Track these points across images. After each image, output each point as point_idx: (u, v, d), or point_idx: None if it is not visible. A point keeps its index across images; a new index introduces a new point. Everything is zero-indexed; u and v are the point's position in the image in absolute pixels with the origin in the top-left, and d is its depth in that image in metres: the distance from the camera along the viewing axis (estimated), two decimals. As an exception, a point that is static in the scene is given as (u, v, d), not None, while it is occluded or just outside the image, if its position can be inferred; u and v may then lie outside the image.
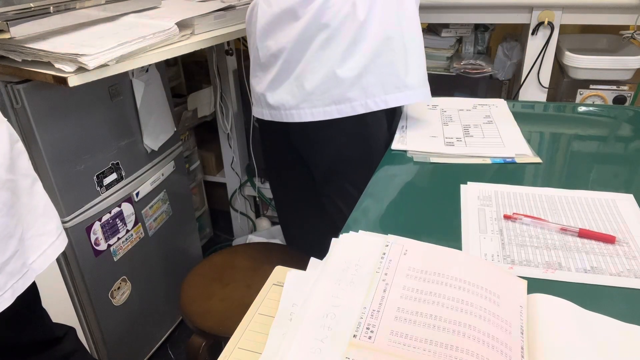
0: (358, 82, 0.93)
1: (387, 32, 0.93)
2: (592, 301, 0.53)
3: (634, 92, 1.34)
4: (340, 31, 0.91)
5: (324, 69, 0.93)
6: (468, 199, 0.76)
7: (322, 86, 0.94)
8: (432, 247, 0.59)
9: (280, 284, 0.57)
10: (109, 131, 1.25)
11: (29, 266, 0.75)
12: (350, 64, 0.92)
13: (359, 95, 0.94)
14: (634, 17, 1.28)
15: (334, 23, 0.90)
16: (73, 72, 0.92)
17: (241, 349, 0.50)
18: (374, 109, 0.95)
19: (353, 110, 0.95)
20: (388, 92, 0.95)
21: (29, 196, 0.76)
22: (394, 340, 0.47)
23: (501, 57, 1.52)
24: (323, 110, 0.95)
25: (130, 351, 1.48)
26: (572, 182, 0.80)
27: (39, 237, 0.78)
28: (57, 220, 0.82)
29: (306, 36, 0.92)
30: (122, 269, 1.37)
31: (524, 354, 0.47)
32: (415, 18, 0.98)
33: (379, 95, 0.94)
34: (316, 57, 0.93)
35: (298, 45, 0.93)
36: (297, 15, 0.92)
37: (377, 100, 0.95)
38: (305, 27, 0.91)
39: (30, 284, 0.74)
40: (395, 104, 0.96)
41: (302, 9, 0.91)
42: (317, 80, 0.94)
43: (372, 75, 0.93)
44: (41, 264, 0.77)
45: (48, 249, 0.79)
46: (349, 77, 0.93)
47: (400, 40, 0.94)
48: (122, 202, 1.33)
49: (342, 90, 0.94)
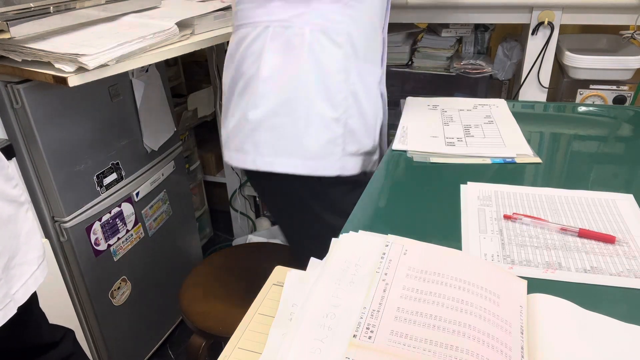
0: (251, 135, 0.90)
1: (288, 95, 0.88)
2: (592, 301, 0.53)
3: (634, 92, 1.34)
4: (250, 83, 0.89)
5: (238, 114, 0.91)
6: (468, 199, 0.76)
7: (233, 130, 0.92)
8: (432, 247, 0.59)
9: (280, 284, 0.57)
10: (109, 131, 1.25)
11: (12, 296, 0.71)
12: (252, 115, 0.89)
13: (251, 149, 0.90)
14: (634, 17, 1.28)
15: (248, 74, 0.89)
16: (73, 72, 0.92)
17: (241, 349, 0.50)
18: (262, 169, 0.90)
19: (244, 163, 0.92)
20: (278, 154, 0.89)
21: (14, 223, 0.74)
22: (394, 340, 0.47)
23: (501, 57, 1.52)
24: (233, 155, 0.93)
25: (130, 351, 1.48)
26: (572, 182, 0.80)
27: (20, 266, 0.75)
28: (39, 248, 0.79)
29: (233, 81, 0.93)
30: (122, 269, 1.37)
31: (523, 354, 0.47)
32: (349, 89, 0.90)
33: (268, 156, 0.90)
34: (235, 103, 0.92)
35: (228, 89, 0.94)
36: (234, 58, 0.92)
37: (265, 160, 0.90)
38: (233, 73, 0.92)
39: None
40: (282, 169, 0.90)
41: (232, 57, 0.93)
42: (231, 124, 0.93)
43: (265, 132, 0.89)
44: (23, 294, 0.74)
45: (29, 279, 0.76)
46: (248, 129, 0.90)
47: (304, 105, 0.88)
48: (122, 202, 1.33)
49: (242, 139, 0.91)
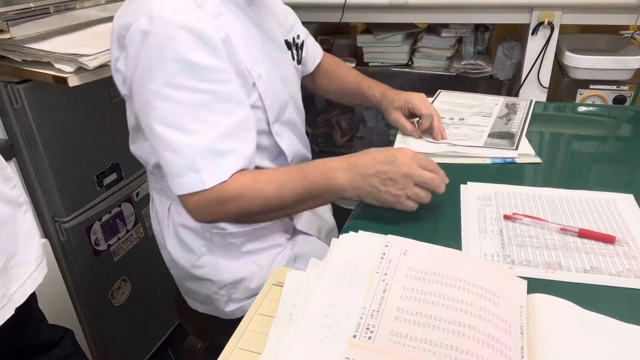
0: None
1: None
2: (592, 301, 0.53)
3: (634, 92, 1.34)
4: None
5: None
6: (468, 199, 0.76)
7: None
8: (432, 247, 0.59)
9: (280, 284, 0.57)
10: (109, 131, 1.25)
11: (10, 297, 0.71)
12: None
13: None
14: (634, 17, 1.28)
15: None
16: (73, 72, 0.93)
17: (241, 349, 0.50)
18: None
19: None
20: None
21: (13, 224, 0.74)
22: (394, 340, 0.47)
23: (501, 57, 1.52)
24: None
25: (130, 351, 1.48)
26: (572, 182, 0.80)
27: (19, 266, 0.74)
28: (38, 249, 0.79)
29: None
30: (122, 269, 1.37)
31: (523, 354, 0.47)
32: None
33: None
34: None
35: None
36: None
37: None
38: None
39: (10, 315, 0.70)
40: None
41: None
42: None
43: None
44: (21, 295, 0.74)
45: (27, 280, 0.75)
46: None
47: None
48: (122, 202, 1.33)
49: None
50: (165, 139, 0.68)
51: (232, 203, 0.69)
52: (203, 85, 0.67)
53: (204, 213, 0.71)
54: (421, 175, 0.67)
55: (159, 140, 0.68)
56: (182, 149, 0.67)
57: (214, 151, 0.68)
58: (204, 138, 0.67)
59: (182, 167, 0.68)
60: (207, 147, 0.67)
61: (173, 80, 0.65)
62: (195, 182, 0.68)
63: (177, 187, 0.69)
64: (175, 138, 0.67)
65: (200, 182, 0.67)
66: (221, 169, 0.68)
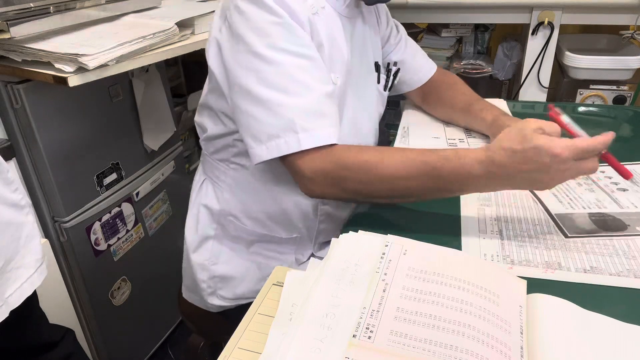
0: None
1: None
2: (591, 301, 0.53)
3: (634, 92, 1.34)
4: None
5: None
6: (468, 198, 0.76)
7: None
8: (432, 247, 0.59)
9: (280, 284, 0.57)
10: (109, 131, 1.25)
11: (5, 300, 0.71)
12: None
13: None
14: (634, 17, 1.28)
15: None
16: (73, 72, 0.92)
17: (241, 349, 0.50)
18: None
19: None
20: None
21: (14, 227, 0.74)
22: (394, 340, 0.47)
23: (501, 57, 1.52)
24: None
25: (130, 351, 1.48)
26: (572, 182, 0.80)
27: (17, 269, 0.74)
28: (38, 251, 0.79)
29: None
30: (122, 269, 1.37)
31: (523, 354, 0.47)
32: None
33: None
34: None
35: None
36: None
37: None
38: None
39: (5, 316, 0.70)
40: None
41: None
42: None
43: None
44: (17, 298, 0.74)
45: (25, 283, 0.75)
46: None
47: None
48: (122, 202, 1.33)
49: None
50: (264, 99, 0.68)
51: (347, 173, 0.67)
52: (303, 50, 0.69)
53: (321, 177, 0.68)
54: (579, 172, 0.62)
55: (257, 101, 0.68)
56: (282, 109, 0.67)
57: (313, 113, 0.68)
58: (304, 100, 0.68)
59: (279, 127, 0.67)
60: (308, 109, 0.68)
61: (276, 44, 0.67)
62: (291, 143, 0.67)
63: (271, 150, 0.68)
64: (276, 98, 0.67)
65: (296, 143, 0.67)
66: (321, 132, 0.68)
